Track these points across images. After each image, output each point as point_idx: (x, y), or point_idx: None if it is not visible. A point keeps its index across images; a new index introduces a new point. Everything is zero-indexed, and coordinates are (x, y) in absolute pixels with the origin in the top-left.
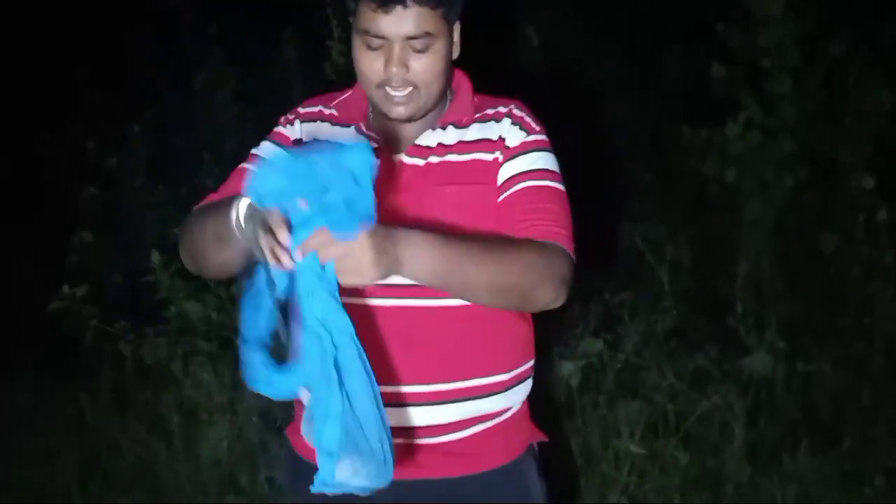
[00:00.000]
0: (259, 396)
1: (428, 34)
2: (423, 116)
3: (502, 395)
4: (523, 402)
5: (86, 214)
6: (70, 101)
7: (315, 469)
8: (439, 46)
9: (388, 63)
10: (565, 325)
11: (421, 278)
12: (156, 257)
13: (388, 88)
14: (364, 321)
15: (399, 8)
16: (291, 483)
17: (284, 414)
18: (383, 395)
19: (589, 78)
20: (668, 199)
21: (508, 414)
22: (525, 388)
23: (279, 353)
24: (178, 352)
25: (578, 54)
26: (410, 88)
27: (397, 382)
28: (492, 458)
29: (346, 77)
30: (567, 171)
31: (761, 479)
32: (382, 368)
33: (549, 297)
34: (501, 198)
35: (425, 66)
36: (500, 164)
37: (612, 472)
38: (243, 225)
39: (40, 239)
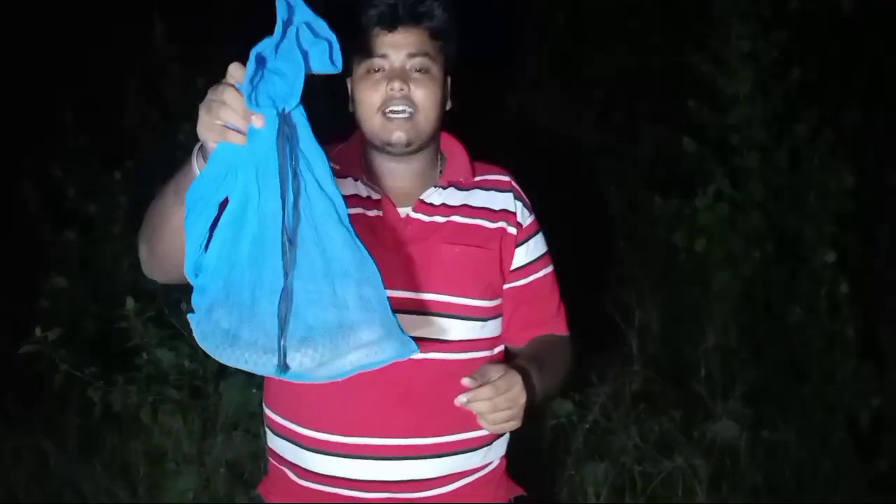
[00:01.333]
0: (227, 447)
1: (427, 55)
2: (417, 151)
3: (486, 448)
4: (502, 457)
5: (62, 259)
6: (53, 146)
7: None
8: (437, 74)
9: (390, 80)
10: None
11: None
12: (130, 304)
13: (388, 112)
14: (364, 372)
15: (401, 27)
16: None
17: (253, 467)
18: (376, 447)
19: (566, 147)
20: (639, 266)
21: (490, 468)
22: (505, 442)
23: None
24: (148, 399)
25: (556, 124)
26: (410, 111)
27: (392, 435)
28: None
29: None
30: (544, 236)
31: None
32: (379, 421)
33: None
34: (522, 282)
35: (425, 90)
36: (515, 241)
37: None
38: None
39: (15, 281)
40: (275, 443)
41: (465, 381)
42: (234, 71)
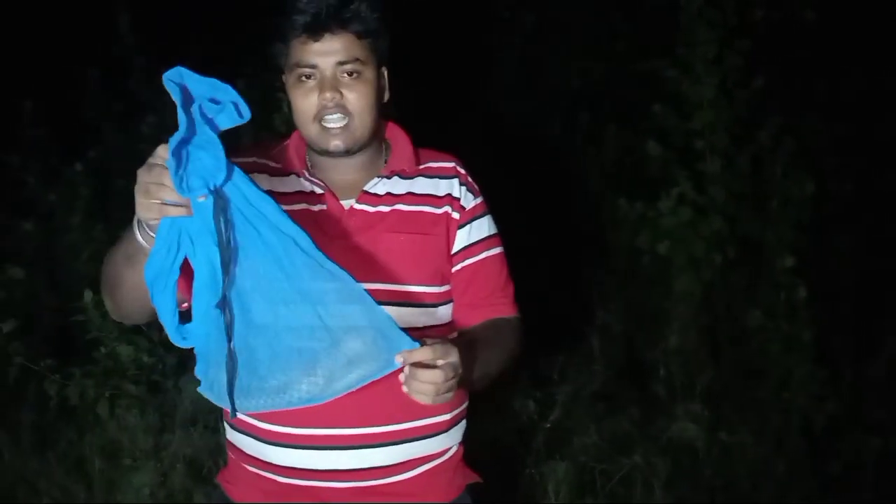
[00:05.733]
0: (185, 442)
1: (357, 60)
2: (358, 151)
3: (444, 435)
4: (460, 444)
5: (19, 250)
6: (12, 135)
7: None
8: (369, 76)
9: (321, 90)
10: (497, 385)
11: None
12: (88, 296)
13: (323, 121)
14: None
15: (327, 35)
16: None
17: (211, 463)
18: (333, 438)
19: (532, 149)
20: (602, 268)
21: (448, 455)
22: (462, 429)
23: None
24: (105, 394)
25: (523, 127)
26: (346, 118)
27: (348, 425)
28: (432, 498)
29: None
30: (508, 235)
31: None
32: (335, 411)
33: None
34: (466, 263)
35: (358, 94)
36: (457, 224)
37: None
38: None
39: None
40: (234, 437)
41: (398, 358)
42: (163, 152)
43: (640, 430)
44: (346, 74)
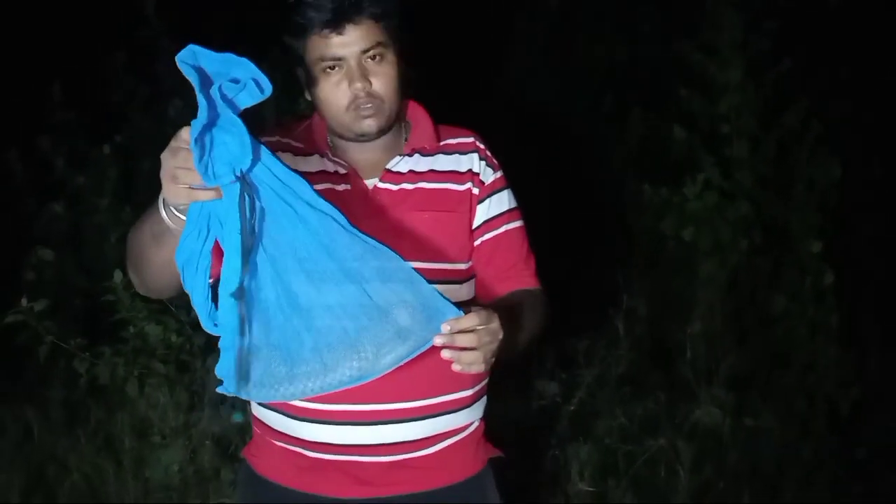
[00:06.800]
0: (214, 421)
1: (380, 44)
2: (384, 133)
3: (467, 410)
4: (481, 419)
5: (48, 231)
6: (41, 118)
7: (275, 488)
8: (392, 56)
9: (351, 81)
10: (521, 366)
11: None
12: (118, 276)
13: (357, 109)
14: None
15: (349, 26)
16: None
17: (239, 440)
18: (362, 413)
19: (556, 133)
20: (627, 252)
21: (471, 429)
22: (483, 404)
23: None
24: (135, 372)
25: (547, 111)
26: (377, 103)
27: (376, 401)
28: (457, 471)
29: None
30: (532, 218)
31: None
32: (362, 387)
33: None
34: (487, 236)
35: (386, 77)
36: (477, 199)
37: None
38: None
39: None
40: (261, 413)
41: (444, 327)
42: (186, 134)
43: (665, 413)
44: (370, 60)
